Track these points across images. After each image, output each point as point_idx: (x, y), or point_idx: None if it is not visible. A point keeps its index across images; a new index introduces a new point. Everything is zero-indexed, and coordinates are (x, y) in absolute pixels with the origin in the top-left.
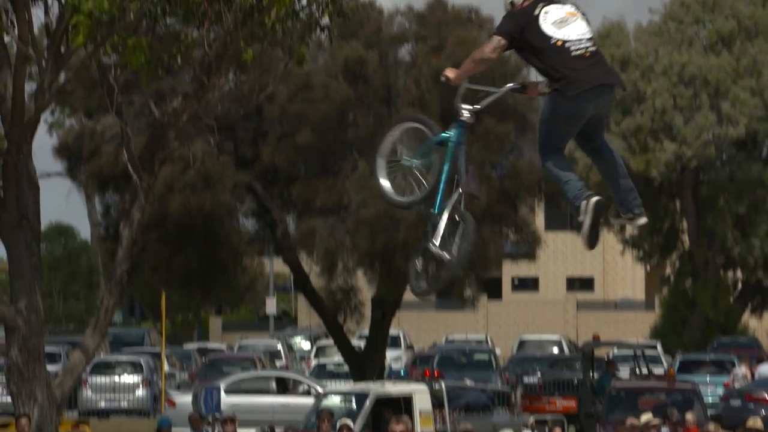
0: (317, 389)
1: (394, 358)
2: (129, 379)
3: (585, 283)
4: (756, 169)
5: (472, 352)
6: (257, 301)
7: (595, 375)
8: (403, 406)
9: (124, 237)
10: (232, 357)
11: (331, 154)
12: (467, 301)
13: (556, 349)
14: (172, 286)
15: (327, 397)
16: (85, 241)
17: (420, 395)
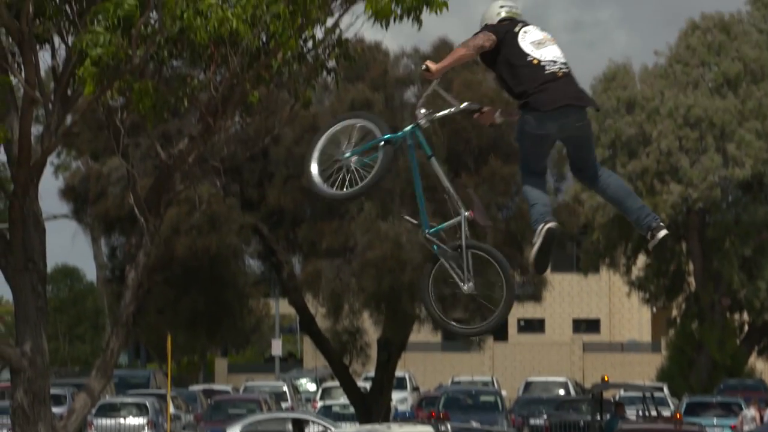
0: (332, 430)
1: (400, 399)
2: (134, 421)
3: (591, 325)
4: (762, 212)
5: (478, 393)
6: (263, 343)
7: (605, 417)
8: None
9: (130, 279)
10: (238, 399)
11: None
12: (473, 343)
13: (563, 391)
14: (178, 328)
15: None
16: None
17: None
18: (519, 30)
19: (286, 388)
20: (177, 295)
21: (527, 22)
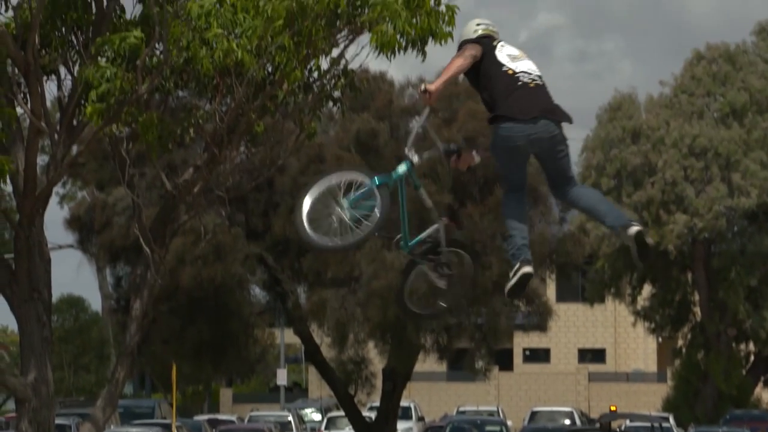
0: None
1: (405, 429)
2: None
3: (597, 355)
4: (767, 242)
5: (484, 423)
6: (268, 373)
7: None
8: None
9: (135, 309)
10: (243, 428)
11: None
12: (478, 373)
13: (568, 421)
14: (183, 358)
15: None
16: (96, 313)
17: None
18: (497, 44)
19: (291, 418)
20: (182, 325)
21: (502, 40)
